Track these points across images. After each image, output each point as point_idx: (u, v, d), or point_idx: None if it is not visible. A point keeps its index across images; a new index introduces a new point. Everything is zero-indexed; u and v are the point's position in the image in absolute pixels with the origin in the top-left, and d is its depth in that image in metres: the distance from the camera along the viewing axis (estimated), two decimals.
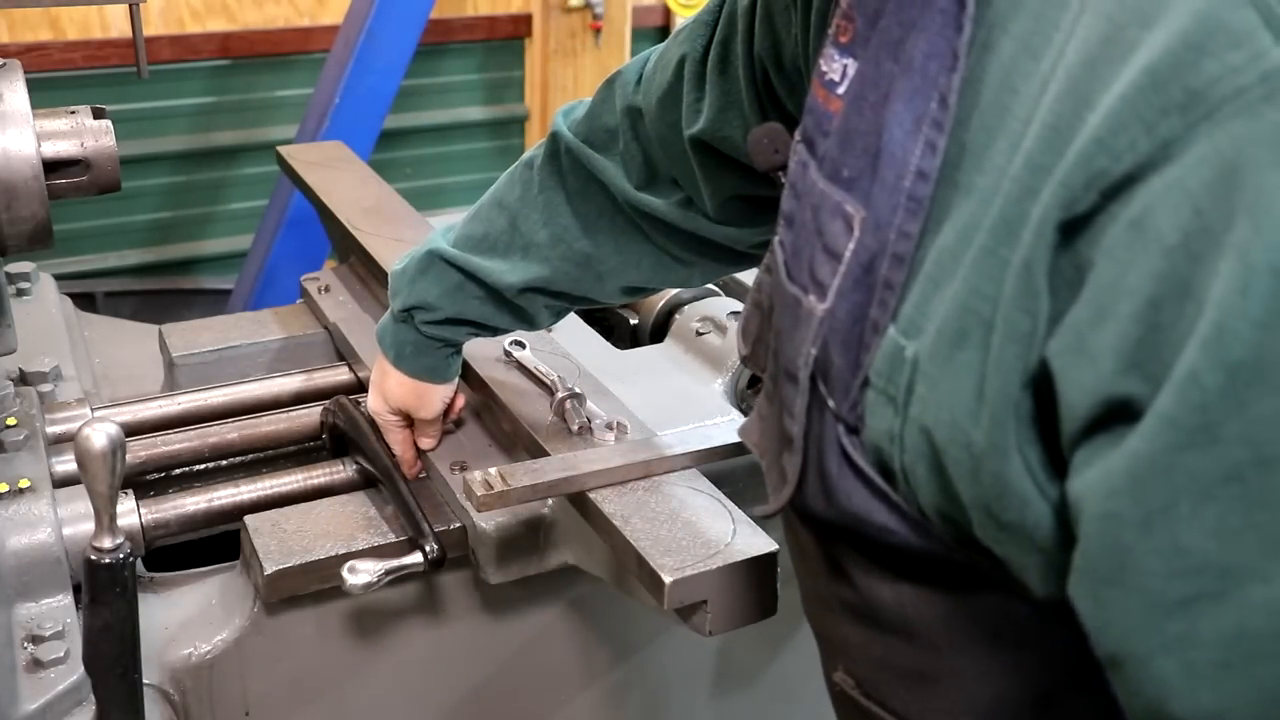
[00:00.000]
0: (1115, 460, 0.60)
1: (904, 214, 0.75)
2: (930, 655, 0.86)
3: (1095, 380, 0.61)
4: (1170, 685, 0.59)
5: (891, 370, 0.75)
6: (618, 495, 1.22)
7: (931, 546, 0.78)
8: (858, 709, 0.95)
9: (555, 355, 1.50)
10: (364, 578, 1.24)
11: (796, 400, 0.84)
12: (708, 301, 1.71)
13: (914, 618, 0.85)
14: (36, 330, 1.74)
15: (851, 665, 0.95)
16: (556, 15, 4.26)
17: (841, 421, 0.80)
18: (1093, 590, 0.63)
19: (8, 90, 1.32)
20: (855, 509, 0.81)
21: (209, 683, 1.31)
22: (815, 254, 0.82)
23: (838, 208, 0.80)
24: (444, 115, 4.31)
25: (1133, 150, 0.59)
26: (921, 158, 0.74)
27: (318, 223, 2.11)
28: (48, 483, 1.32)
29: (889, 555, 0.83)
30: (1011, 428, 0.67)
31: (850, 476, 0.80)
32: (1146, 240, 0.58)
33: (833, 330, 0.80)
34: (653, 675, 1.58)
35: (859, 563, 0.87)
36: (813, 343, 0.81)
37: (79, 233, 3.74)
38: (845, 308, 0.79)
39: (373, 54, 3.21)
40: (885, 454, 0.77)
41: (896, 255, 0.75)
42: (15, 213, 1.30)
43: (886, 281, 0.76)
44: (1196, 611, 0.58)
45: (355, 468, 1.47)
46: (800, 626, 1.68)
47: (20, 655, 1.13)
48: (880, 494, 0.79)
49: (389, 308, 1.37)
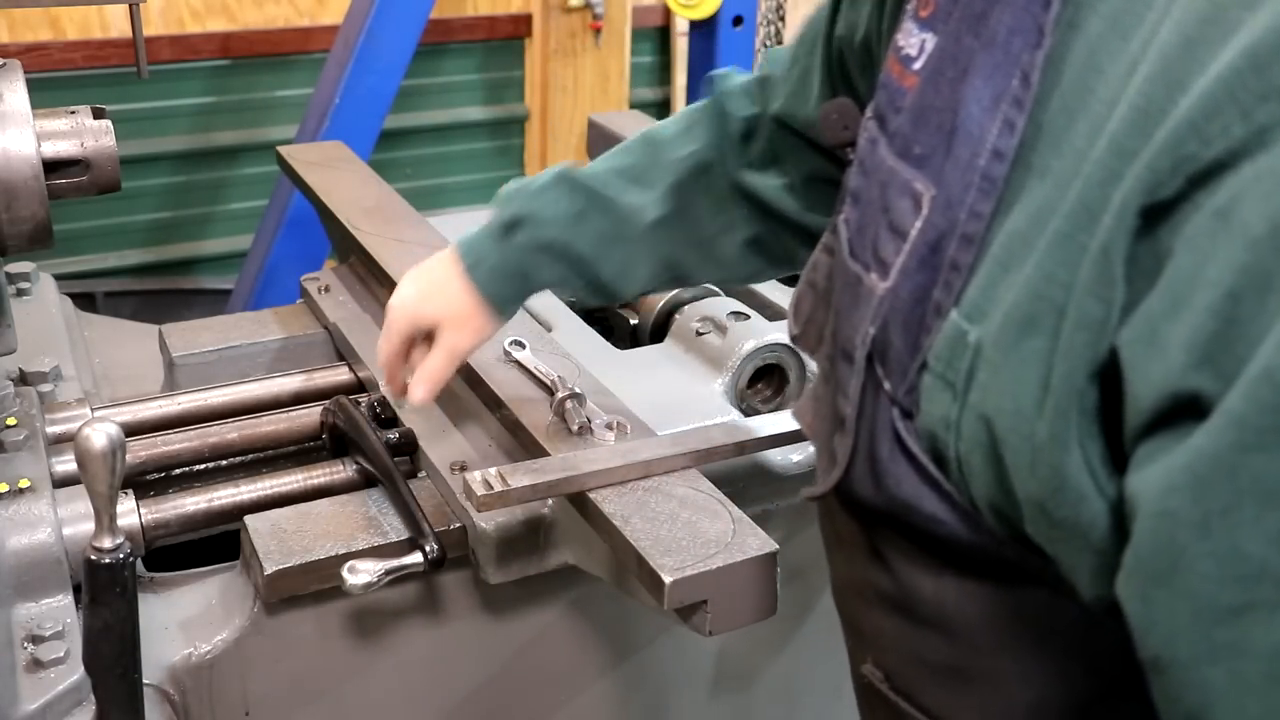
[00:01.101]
0: (1178, 457, 0.58)
1: (977, 194, 0.73)
2: (968, 652, 0.84)
3: (1165, 373, 0.59)
4: (1214, 694, 0.58)
5: (952, 355, 0.73)
6: (618, 495, 1.22)
7: (980, 540, 0.77)
8: (885, 703, 0.93)
9: (555, 355, 1.50)
10: (364, 578, 1.24)
11: (851, 381, 0.82)
12: (708, 301, 1.71)
13: (954, 612, 0.83)
14: (36, 330, 1.74)
15: (882, 657, 0.93)
16: (556, 15, 4.26)
17: (896, 405, 0.79)
18: (1142, 590, 0.61)
19: (8, 90, 1.32)
20: (904, 496, 0.79)
21: (209, 683, 1.31)
22: (880, 232, 0.80)
23: (906, 185, 0.78)
24: (444, 115, 4.31)
25: (1225, 135, 0.57)
26: (999, 136, 0.73)
27: (318, 223, 2.11)
28: (48, 483, 1.32)
29: (934, 546, 0.81)
30: (1074, 420, 0.65)
31: (902, 462, 0.79)
32: (1231, 230, 0.56)
33: (893, 310, 0.78)
34: (653, 675, 1.58)
35: (901, 552, 0.85)
36: (871, 322, 0.80)
37: (79, 233, 3.74)
38: (908, 288, 0.77)
39: (373, 54, 3.21)
40: (940, 441, 0.75)
41: (966, 236, 0.74)
42: (15, 213, 1.30)
43: (953, 263, 0.74)
44: (1249, 620, 0.56)
45: (355, 468, 1.47)
46: (800, 626, 1.68)
47: (20, 655, 1.13)
48: (931, 482, 0.77)
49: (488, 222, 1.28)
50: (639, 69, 4.61)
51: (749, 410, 1.58)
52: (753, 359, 1.58)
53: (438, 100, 4.27)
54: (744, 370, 1.58)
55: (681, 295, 1.72)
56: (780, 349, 1.59)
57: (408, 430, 1.49)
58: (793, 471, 1.50)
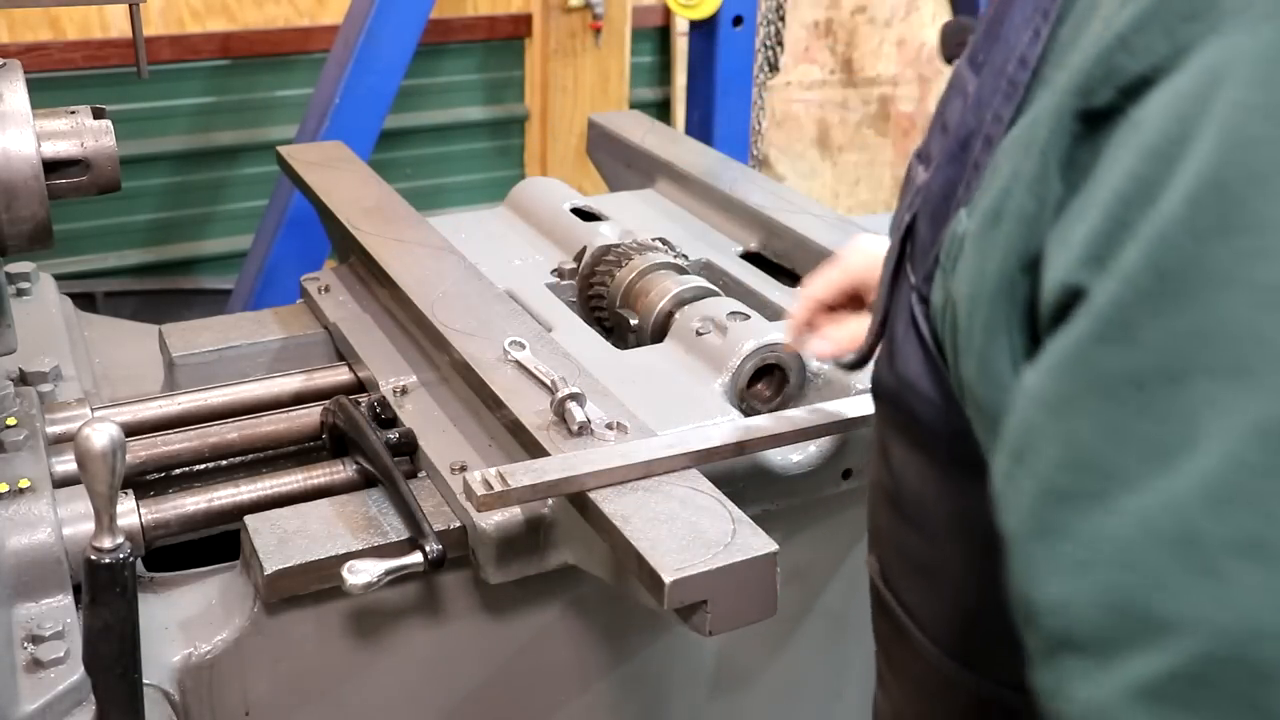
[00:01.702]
0: (1056, 345, 0.61)
1: (1001, 98, 0.78)
2: (934, 549, 0.89)
3: (1064, 268, 0.62)
4: (1036, 570, 0.60)
5: (950, 245, 0.78)
6: (618, 495, 1.22)
7: (955, 427, 0.81)
8: (878, 597, 1.00)
9: (555, 355, 1.50)
10: (364, 578, 1.24)
11: (888, 265, 0.88)
12: (708, 301, 1.70)
13: (930, 507, 0.88)
14: (36, 330, 1.74)
15: (880, 551, 0.99)
16: (556, 15, 4.26)
17: (916, 291, 0.85)
18: (1005, 466, 0.64)
19: (8, 90, 1.32)
20: (910, 375, 0.85)
21: (209, 683, 1.31)
22: (936, 129, 0.86)
23: (963, 86, 0.84)
24: (444, 115, 4.30)
25: (1150, 52, 0.60)
26: (1027, 45, 0.77)
27: (318, 223, 2.11)
28: (48, 483, 1.32)
29: (923, 434, 0.86)
30: (1003, 308, 0.69)
31: (913, 341, 0.85)
32: (1133, 140, 0.60)
33: (926, 201, 0.84)
34: (653, 675, 1.58)
35: (899, 441, 0.90)
36: (908, 210, 0.86)
37: (79, 233, 3.74)
38: (939, 181, 0.83)
39: (373, 54, 3.21)
40: (937, 326, 0.81)
41: (988, 137, 0.79)
42: (15, 213, 1.30)
43: (976, 163, 0.80)
44: (1073, 506, 0.58)
45: (355, 468, 1.47)
46: (800, 626, 1.68)
47: (20, 655, 1.13)
48: (931, 364, 0.83)
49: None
50: (639, 69, 4.61)
51: (749, 410, 1.58)
52: (753, 359, 1.58)
53: (438, 100, 4.27)
54: (744, 370, 1.58)
55: (682, 295, 1.72)
56: (780, 349, 1.59)
57: (408, 430, 1.49)
58: (793, 471, 1.50)
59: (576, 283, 1.87)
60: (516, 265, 1.93)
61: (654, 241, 1.90)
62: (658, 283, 1.76)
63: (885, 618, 0.99)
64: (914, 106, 5.28)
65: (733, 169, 2.29)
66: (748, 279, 1.90)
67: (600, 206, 2.14)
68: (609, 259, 1.83)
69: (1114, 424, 0.57)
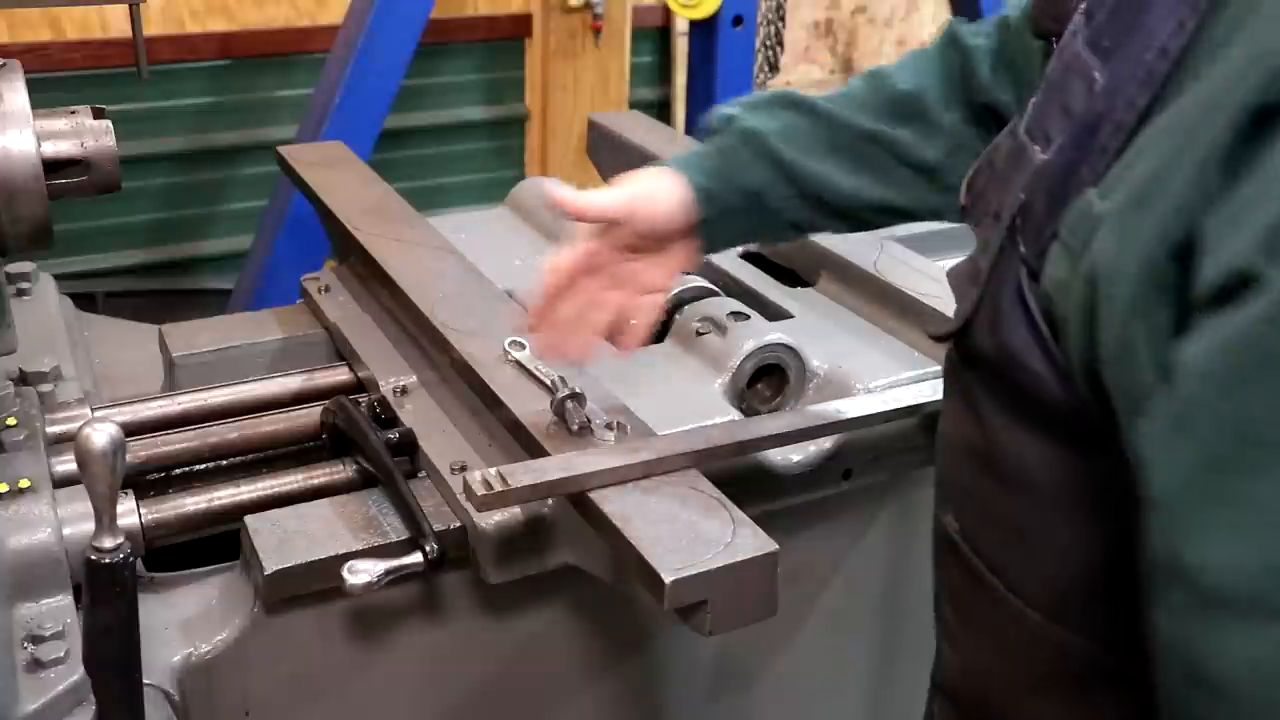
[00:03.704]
0: (1222, 325, 0.65)
1: (1137, 86, 0.80)
2: (1032, 511, 0.92)
3: (1234, 253, 0.65)
4: (1191, 532, 0.66)
5: (1078, 225, 0.80)
6: (618, 495, 1.22)
7: (1067, 401, 0.85)
8: (955, 553, 1.02)
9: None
10: (364, 578, 1.24)
11: (994, 239, 0.91)
12: (708, 301, 1.71)
13: (1030, 471, 0.91)
14: (36, 330, 1.74)
15: (961, 509, 1.02)
16: (556, 15, 4.26)
17: (1025, 264, 0.87)
18: (1163, 432, 0.69)
19: (8, 90, 1.32)
20: (1015, 348, 0.88)
21: (209, 683, 1.31)
22: (1053, 110, 0.88)
23: (1085, 71, 0.86)
24: (444, 115, 4.31)
25: None
26: (1170, 36, 0.79)
27: (318, 223, 2.10)
28: (48, 483, 1.32)
29: (1027, 404, 0.89)
30: (1149, 288, 0.72)
31: (1019, 315, 0.87)
32: None
33: (1043, 179, 0.87)
34: (653, 675, 1.58)
35: (996, 408, 0.93)
36: (1023, 188, 0.89)
37: (79, 233, 3.74)
38: (1060, 161, 0.86)
39: (373, 54, 3.21)
40: (1054, 303, 0.83)
41: (1118, 123, 0.81)
42: (15, 213, 1.30)
43: (1103, 146, 0.82)
44: (1239, 473, 0.64)
45: (355, 468, 1.47)
46: (800, 626, 1.68)
47: (20, 655, 1.13)
48: (1040, 339, 0.86)
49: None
50: (639, 69, 4.61)
51: (749, 410, 1.58)
52: (753, 359, 1.58)
53: (438, 100, 4.27)
54: (744, 370, 1.58)
55: (682, 295, 1.72)
56: (780, 349, 1.59)
57: (408, 430, 1.49)
58: (793, 471, 1.50)
59: None
60: (516, 265, 1.93)
61: None
62: None
63: (963, 572, 1.01)
64: None
65: None
66: (748, 279, 1.90)
67: None
68: None
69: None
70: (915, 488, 1.66)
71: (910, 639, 1.76)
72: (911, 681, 1.76)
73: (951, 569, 1.04)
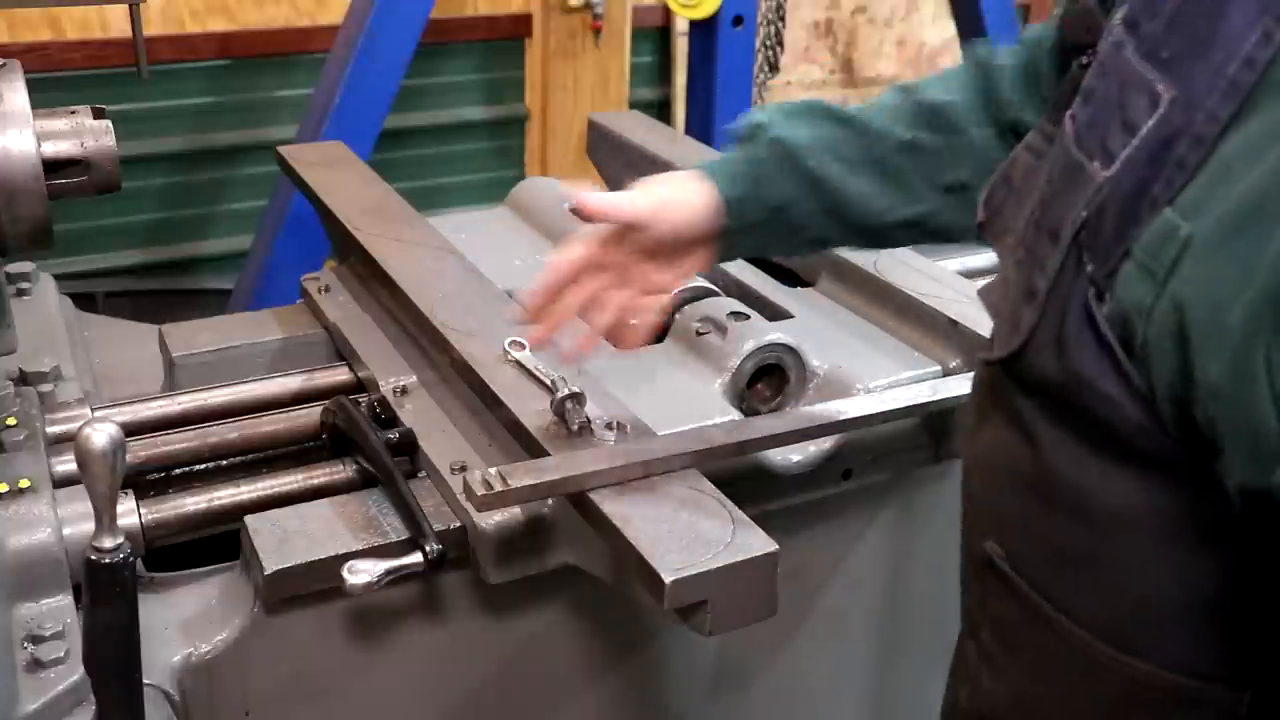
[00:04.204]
0: None
1: (1219, 98, 0.78)
2: (1096, 538, 0.89)
3: None
4: None
5: (1160, 247, 0.78)
6: (618, 495, 1.22)
7: (1144, 424, 0.82)
8: (1000, 579, 0.99)
9: (555, 355, 1.50)
10: (364, 578, 1.24)
11: (1051, 258, 0.88)
12: (708, 302, 1.70)
13: (1096, 498, 0.88)
14: (36, 330, 1.74)
15: (1007, 537, 0.99)
16: (556, 15, 4.26)
17: (1094, 285, 0.84)
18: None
19: (8, 90, 1.32)
20: (1084, 371, 0.85)
21: (209, 683, 1.31)
22: (1111, 125, 0.86)
23: (1146, 85, 0.83)
24: (444, 115, 4.31)
25: None
26: (1255, 46, 0.77)
27: (318, 223, 2.10)
28: (48, 483, 1.32)
29: (1093, 429, 0.86)
30: (1268, 315, 0.70)
31: (1088, 339, 0.85)
32: None
33: (1110, 197, 0.84)
34: (653, 675, 1.58)
35: (1058, 435, 0.90)
36: (1085, 206, 0.86)
37: (79, 233, 3.74)
38: (1130, 179, 0.83)
39: (373, 54, 3.21)
40: (1131, 325, 0.81)
41: (1198, 137, 0.79)
42: (15, 213, 1.30)
43: (1180, 161, 0.80)
44: None
45: (355, 468, 1.47)
46: (800, 626, 1.68)
47: (20, 655, 1.13)
48: (1114, 361, 0.83)
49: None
50: (639, 69, 4.61)
51: (749, 410, 1.58)
52: (753, 359, 1.58)
53: (438, 100, 4.27)
54: (744, 370, 1.58)
55: (682, 295, 1.72)
56: (780, 349, 1.59)
57: (408, 430, 1.49)
58: (793, 471, 1.50)
59: None
60: (516, 265, 1.93)
61: None
62: None
63: (1013, 601, 0.98)
64: None
65: None
66: (748, 279, 1.90)
67: None
68: None
69: None
70: (915, 487, 1.66)
71: (910, 639, 1.76)
72: (911, 681, 1.76)
73: (997, 598, 1.01)
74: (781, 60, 4.22)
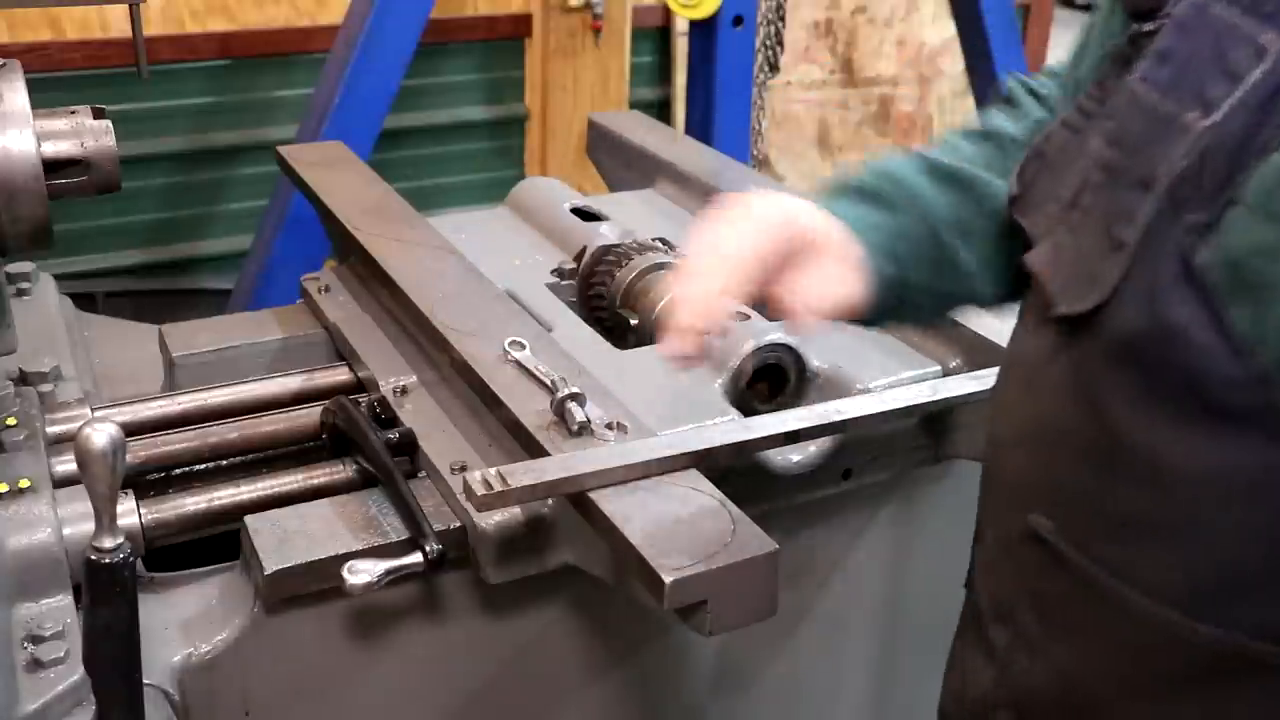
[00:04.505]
0: None
1: None
2: (1167, 503, 0.88)
3: None
4: None
5: (1268, 192, 0.79)
6: (618, 495, 1.22)
7: (1236, 375, 0.81)
8: (1050, 553, 0.97)
9: (555, 355, 1.50)
10: (364, 578, 1.24)
11: (1142, 208, 0.87)
12: None
13: (1170, 461, 0.87)
14: (36, 330, 1.74)
15: (1057, 509, 0.97)
16: (556, 15, 4.26)
17: (1194, 232, 0.84)
18: None
19: (8, 90, 1.32)
20: (1177, 321, 0.84)
21: (209, 683, 1.31)
22: (1208, 76, 0.85)
23: (1248, 38, 0.84)
24: (444, 115, 4.30)
25: None
26: None
27: (318, 223, 2.11)
28: (48, 483, 1.32)
29: (1174, 387, 0.85)
30: None
31: (1185, 287, 0.84)
32: None
33: (1213, 145, 0.83)
34: (653, 675, 1.58)
35: (1130, 393, 0.89)
36: (1185, 155, 0.85)
37: (79, 233, 3.74)
38: (1235, 126, 0.83)
39: (373, 54, 3.21)
40: (1247, 269, 0.81)
41: None
42: (15, 213, 1.30)
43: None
44: None
45: (355, 468, 1.47)
46: (800, 626, 1.68)
47: (20, 655, 1.13)
48: (1212, 310, 0.82)
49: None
50: (639, 69, 4.61)
51: (749, 410, 1.58)
52: (753, 359, 1.58)
53: (438, 100, 4.27)
54: (744, 370, 1.58)
55: None
56: (780, 349, 1.59)
57: (408, 430, 1.49)
58: (793, 471, 1.50)
59: (577, 283, 1.87)
60: (516, 265, 1.93)
61: (654, 241, 1.89)
62: (658, 283, 1.75)
63: (1061, 576, 0.97)
64: (914, 106, 5.28)
65: (733, 169, 2.29)
66: None
67: (600, 206, 2.14)
68: (609, 259, 1.83)
69: None
70: (915, 487, 1.66)
71: (910, 639, 1.76)
72: (911, 681, 1.76)
73: (1041, 575, 1.00)
74: (781, 60, 4.22)
